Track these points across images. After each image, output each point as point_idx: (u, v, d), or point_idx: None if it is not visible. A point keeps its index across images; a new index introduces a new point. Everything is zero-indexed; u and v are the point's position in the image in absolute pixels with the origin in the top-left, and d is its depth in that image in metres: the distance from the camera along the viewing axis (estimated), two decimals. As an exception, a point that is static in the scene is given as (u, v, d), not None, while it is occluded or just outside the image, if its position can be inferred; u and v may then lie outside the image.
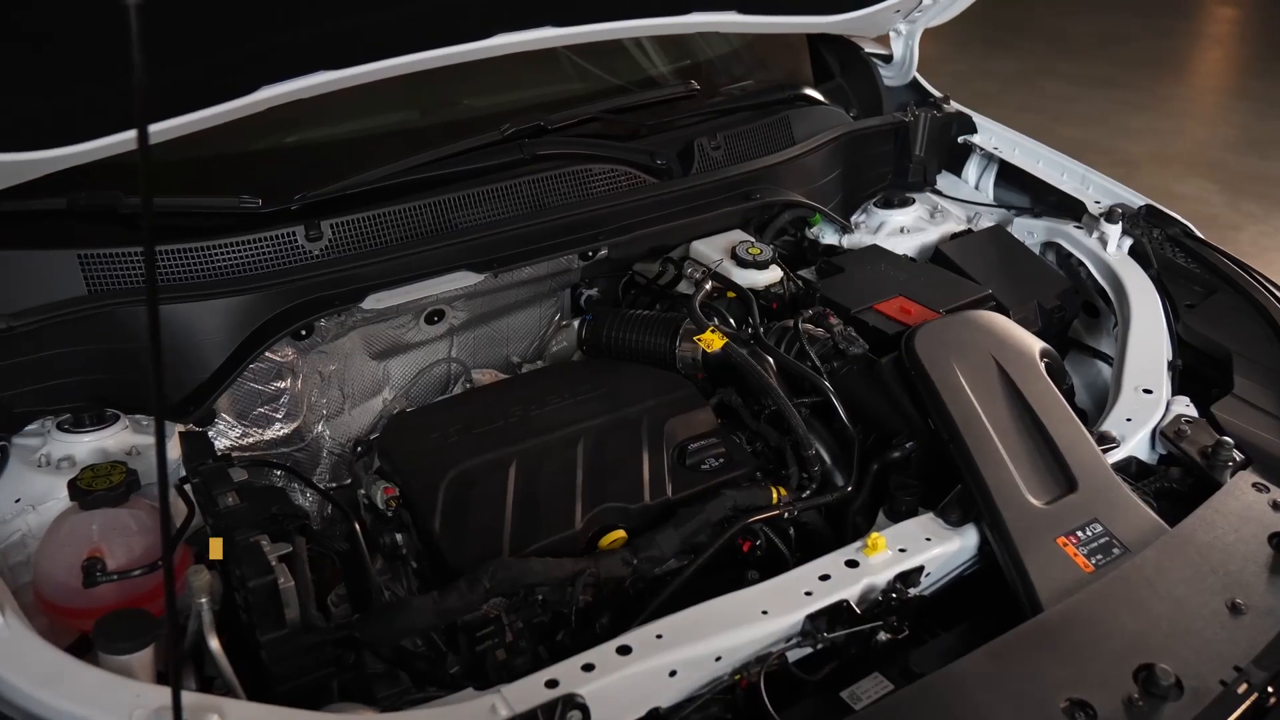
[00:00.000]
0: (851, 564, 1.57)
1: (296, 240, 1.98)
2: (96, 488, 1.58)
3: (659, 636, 1.44)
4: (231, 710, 1.32)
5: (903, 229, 2.52)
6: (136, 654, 1.40)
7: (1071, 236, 2.39)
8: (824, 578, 1.55)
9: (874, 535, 1.58)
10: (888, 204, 2.57)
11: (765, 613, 1.49)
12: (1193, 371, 2.06)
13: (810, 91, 2.64)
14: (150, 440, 1.78)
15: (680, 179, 2.30)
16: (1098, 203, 2.42)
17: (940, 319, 2.00)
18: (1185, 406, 1.90)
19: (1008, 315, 2.16)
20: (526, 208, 2.16)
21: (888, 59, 2.80)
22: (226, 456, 1.76)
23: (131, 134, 1.79)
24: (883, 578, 1.56)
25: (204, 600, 1.43)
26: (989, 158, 2.69)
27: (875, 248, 2.42)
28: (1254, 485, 1.70)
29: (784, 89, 2.61)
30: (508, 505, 1.71)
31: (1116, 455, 1.82)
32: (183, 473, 1.69)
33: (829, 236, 2.53)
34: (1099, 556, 1.58)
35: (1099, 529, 1.62)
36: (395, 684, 1.54)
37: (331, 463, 2.14)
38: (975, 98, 2.94)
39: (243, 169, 2.20)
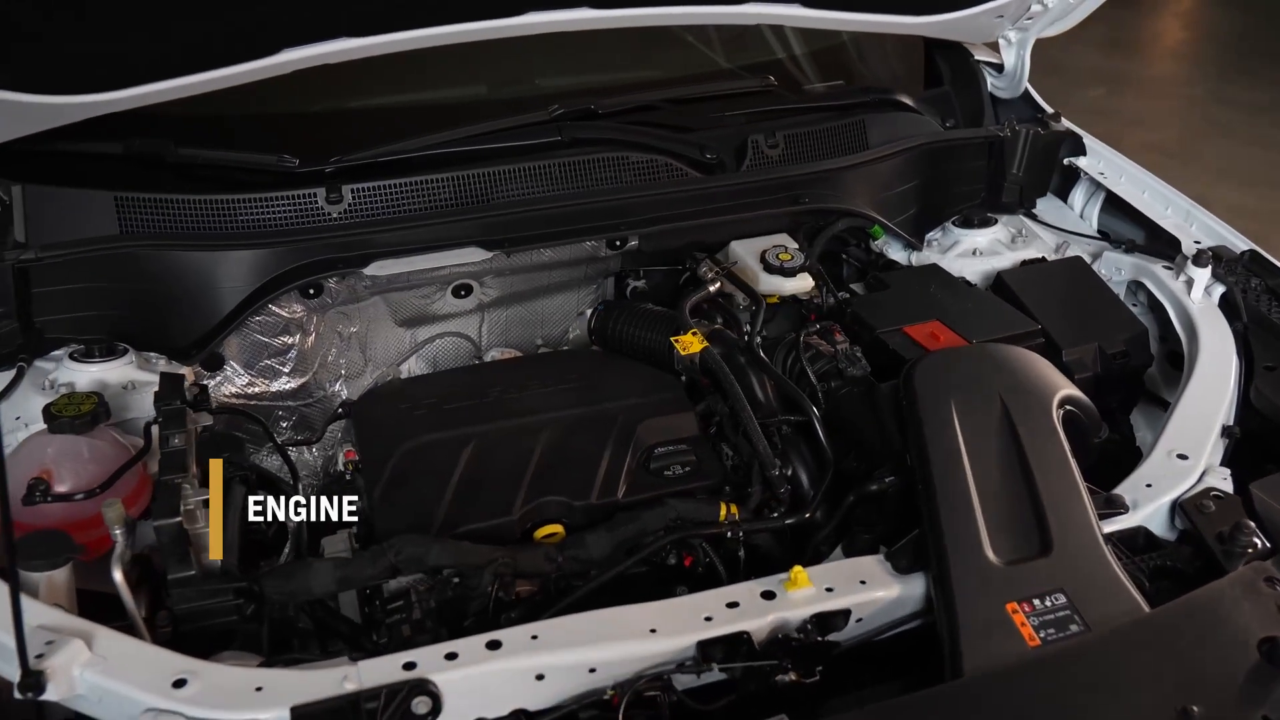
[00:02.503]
0: (768, 595, 1.46)
1: (317, 202, 2.03)
2: (64, 414, 1.67)
3: (534, 637, 1.39)
4: (101, 639, 1.36)
5: (976, 251, 2.33)
6: (49, 573, 1.47)
7: (1157, 277, 2.14)
8: (732, 605, 1.45)
9: (796, 569, 1.47)
10: (967, 223, 2.38)
11: (654, 631, 1.40)
12: (1257, 442, 1.80)
13: (901, 97, 2.47)
14: (152, 377, 1.86)
15: (722, 175, 2.21)
16: (1197, 243, 2.16)
17: (951, 349, 1.83)
18: (1222, 480, 1.67)
19: (1058, 355, 1.97)
20: (554, 190, 2.13)
21: (1001, 69, 2.60)
22: (197, 400, 1.81)
23: (179, 81, 1.88)
24: (798, 615, 1.44)
25: (118, 531, 1.48)
26: (1096, 184, 2.45)
27: (933, 268, 2.25)
28: (1266, 580, 1.47)
29: (868, 91, 2.46)
30: (451, 484, 1.69)
31: (1122, 523, 1.62)
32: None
33: (896, 252, 2.38)
34: (1050, 631, 1.41)
35: (1061, 600, 1.44)
36: (331, 644, 1.57)
37: (345, 423, 2.18)
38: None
39: (293, 129, 2.27)
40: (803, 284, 2.07)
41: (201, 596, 1.49)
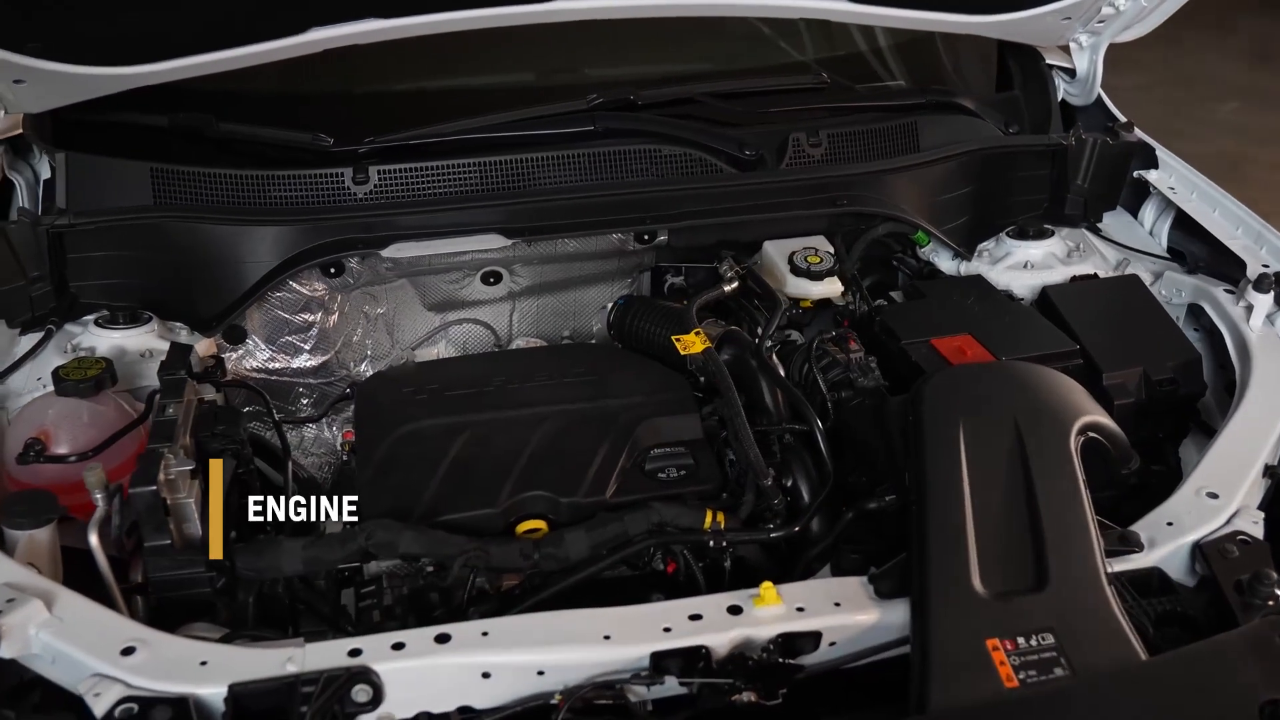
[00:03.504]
0: (734, 610, 1.40)
1: (344, 182, 2.03)
2: (71, 377, 1.70)
3: (484, 634, 1.36)
4: (62, 601, 1.37)
5: (1027, 264, 2.20)
6: (30, 531, 1.51)
7: (1216, 301, 1.99)
8: (694, 617, 1.39)
9: (766, 585, 1.40)
10: (1021, 234, 2.26)
11: (608, 638, 1.35)
12: (1306, 485, 1.66)
13: (961, 99, 2.36)
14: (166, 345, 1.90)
15: (757, 173, 2.14)
16: (1264, 267, 2.00)
17: (968, 365, 1.74)
18: (1253, 523, 1.54)
19: (1098, 378, 1.85)
20: (583, 180, 2.09)
21: (1074, 74, 2.46)
22: (207, 372, 1.83)
23: (207, 57, 1.90)
24: (763, 633, 1.37)
25: (98, 495, 1.50)
26: (1167, 200, 2.30)
27: (976, 279, 2.15)
28: (1283, 635, 1.35)
29: (925, 91, 2.36)
30: (440, 471, 1.67)
31: (1134, 563, 1.50)
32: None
33: (945, 261, 2.27)
34: (1031, 673, 1.30)
35: (1048, 641, 1.34)
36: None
37: None
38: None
39: (333, 109, 2.29)
40: (830, 288, 2.00)
41: (176, 566, 1.49)
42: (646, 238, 2.10)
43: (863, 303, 2.05)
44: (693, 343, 1.78)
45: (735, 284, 1.98)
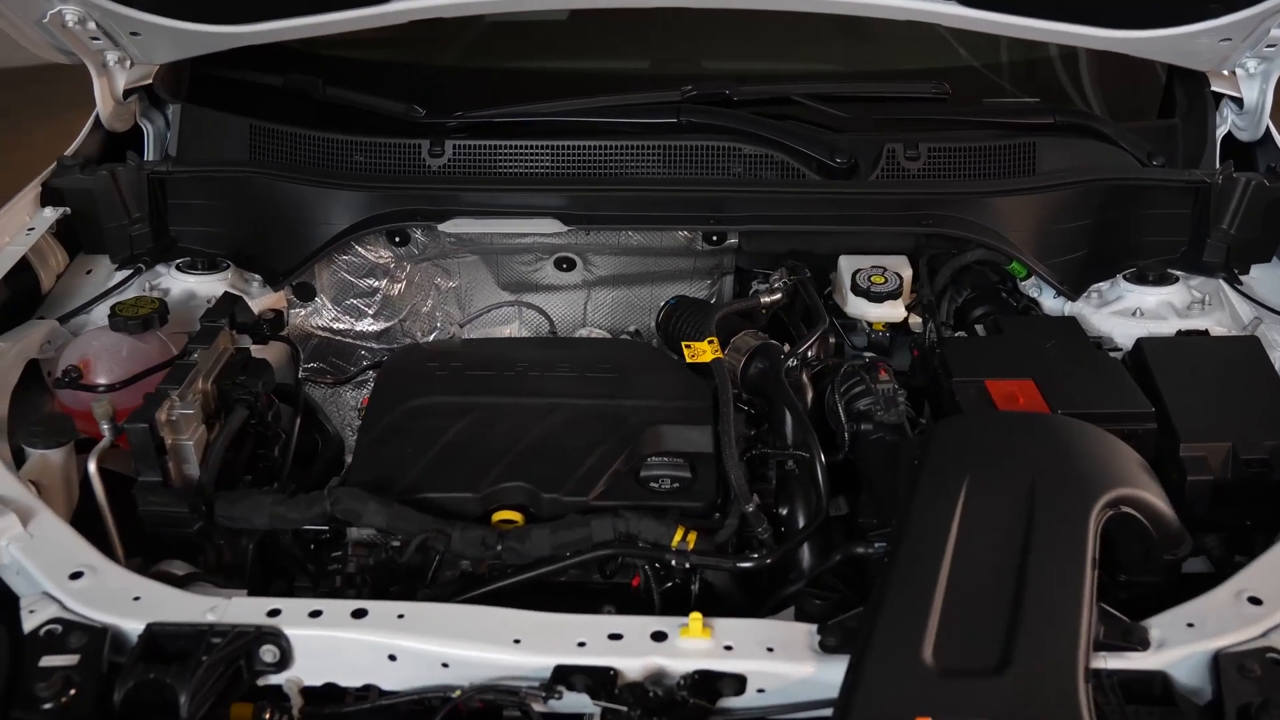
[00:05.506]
0: (658, 636, 1.31)
1: (420, 154, 2.07)
2: (122, 313, 1.81)
3: (400, 616, 1.34)
4: (40, 520, 1.46)
5: (1137, 311, 1.96)
6: (43, 451, 1.61)
7: (1342, 377, 1.71)
8: (614, 636, 1.32)
9: (695, 616, 1.31)
10: (1140, 278, 2.01)
11: (517, 642, 1.31)
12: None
13: (1095, 123, 2.13)
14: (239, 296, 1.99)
15: (839, 182, 2.00)
16: None
17: (997, 413, 1.56)
18: (1295, 642, 1.30)
19: (1174, 449, 1.63)
20: (655, 173, 2.04)
21: (1243, 104, 2.17)
22: (258, 323, 1.90)
23: (317, 19, 1.97)
24: (682, 666, 1.29)
25: (105, 426, 1.58)
26: (1329, 255, 1.99)
27: (1068, 321, 1.94)
28: (1274, 781, 1.13)
29: (1055, 111, 2.14)
30: (434, 448, 1.67)
31: (1136, 662, 1.30)
32: None
33: (1048, 298, 2.05)
34: (955, 764, 1.16)
35: (990, 732, 1.19)
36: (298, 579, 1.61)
37: None
38: None
39: (435, 81, 2.33)
40: (890, 312, 1.86)
41: (162, 504, 1.56)
42: (715, 239, 2.02)
43: (934, 332, 1.89)
44: (703, 351, 1.70)
45: (777, 295, 1.87)
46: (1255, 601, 1.35)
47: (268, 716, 1.33)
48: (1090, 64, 2.33)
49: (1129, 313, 1.96)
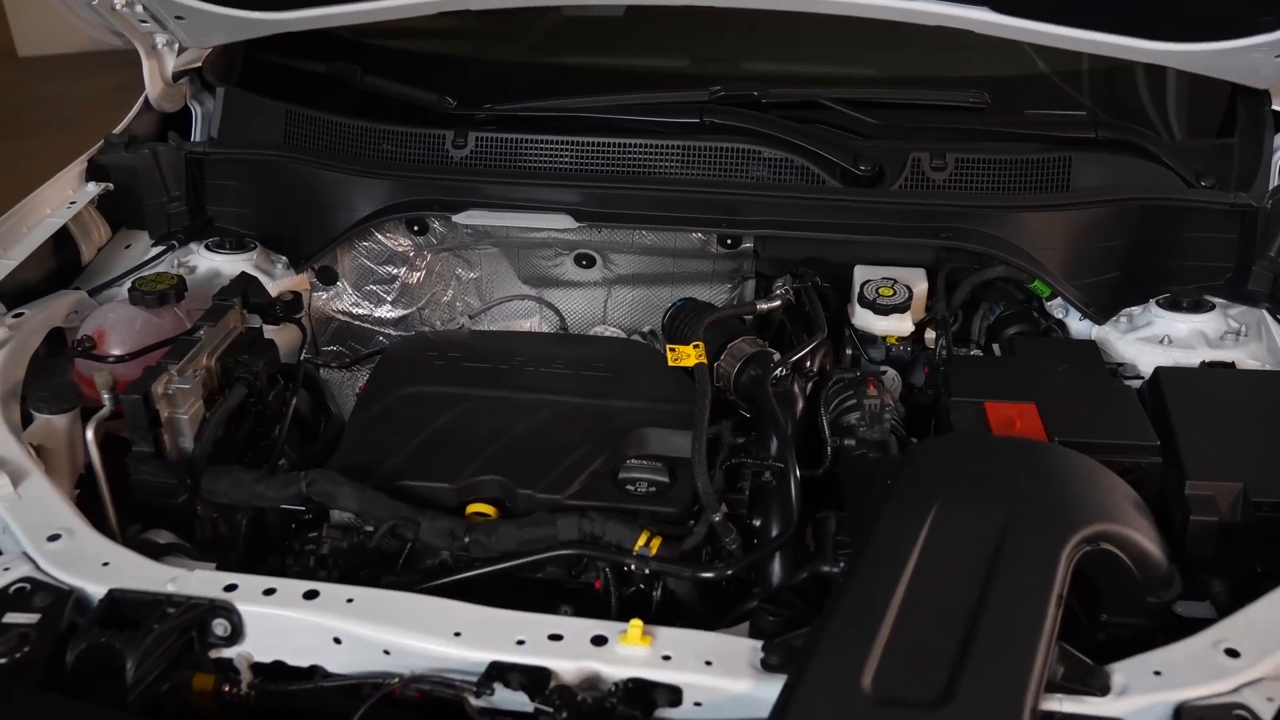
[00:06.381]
0: (598, 640, 1.30)
1: (444, 144, 2.09)
2: (141, 288, 1.87)
3: (349, 601, 1.35)
4: (30, 482, 1.51)
5: (1165, 339, 1.87)
6: (48, 416, 1.68)
7: (1373, 423, 1.59)
8: (555, 637, 1.31)
9: (634, 623, 1.29)
10: (1173, 304, 1.91)
11: (458, 635, 1.31)
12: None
13: (1140, 140, 2.03)
14: (260, 276, 2.04)
15: (858, 190, 1.96)
16: None
17: (977, 437, 1.50)
18: (1266, 700, 1.22)
19: (1179, 486, 1.55)
20: (671, 173, 2.02)
21: (1306, 124, 2.04)
22: (272, 304, 1.94)
23: (354, 8, 2.01)
24: (615, 673, 1.27)
25: (105, 395, 1.64)
26: (1385, 290, 1.86)
27: (1087, 345, 1.85)
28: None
29: (1097, 125, 2.05)
30: (420, 437, 1.68)
31: (1091, 707, 1.24)
32: None
33: (1076, 320, 1.97)
34: (878, 796, 1.13)
35: (918, 767, 1.15)
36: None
37: None
38: None
39: (471, 73, 2.35)
40: (895, 325, 1.81)
41: (152, 474, 1.61)
42: (730, 242, 1.99)
43: (941, 348, 1.83)
44: (686, 354, 1.67)
45: (776, 303, 1.83)
46: (1232, 654, 1.27)
47: (227, 689, 1.37)
48: (1179, 77, 2.21)
49: (1156, 340, 1.87)
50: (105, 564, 1.40)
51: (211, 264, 2.07)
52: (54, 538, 1.43)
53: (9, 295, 1.91)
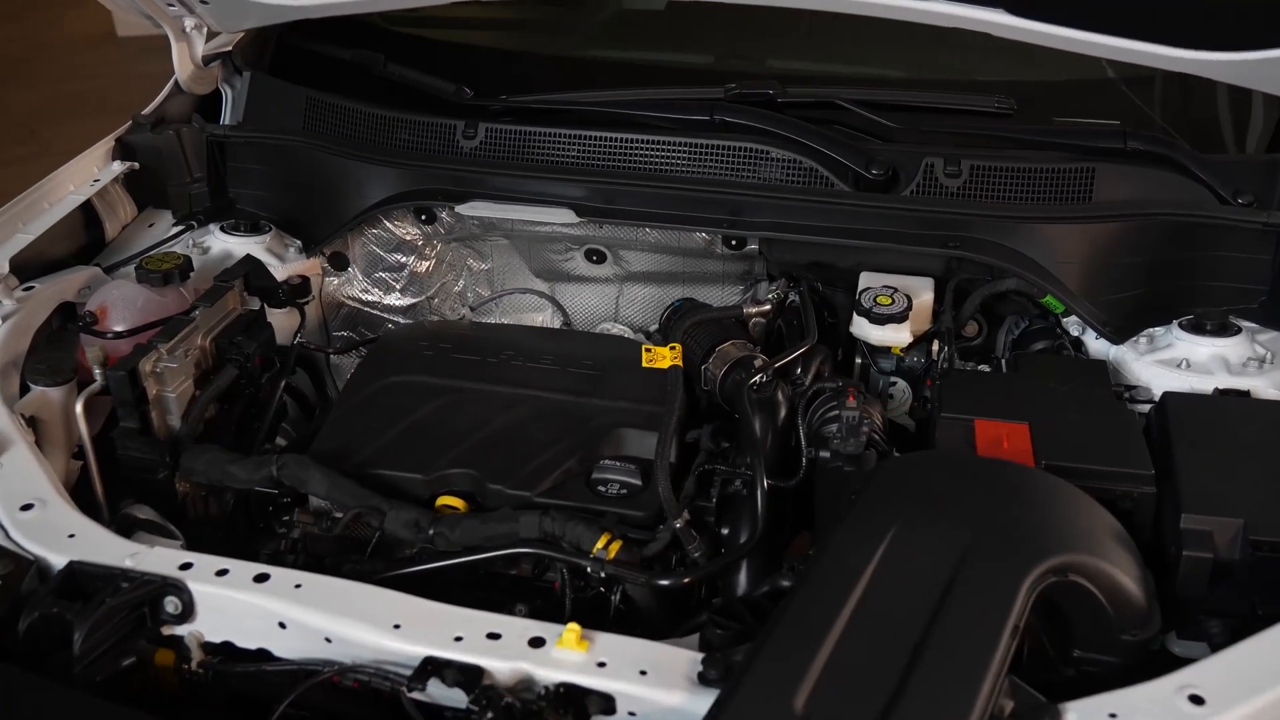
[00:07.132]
0: (536, 642, 1.28)
1: (455, 135, 2.09)
2: (146, 266, 1.90)
3: (297, 586, 1.36)
4: (13, 452, 1.55)
5: (1183, 363, 1.77)
6: (43, 388, 1.72)
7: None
8: (493, 636, 1.29)
9: (571, 626, 1.27)
10: (1196, 326, 1.82)
11: (397, 627, 1.30)
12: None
13: (1172, 152, 1.93)
14: (272, 259, 2.07)
15: (865, 195, 1.90)
16: None
17: (945, 456, 1.45)
18: (1226, 752, 1.15)
19: (1175, 519, 1.47)
20: (676, 170, 1.99)
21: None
22: (277, 287, 1.96)
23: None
24: (548, 676, 1.25)
25: (97, 370, 1.68)
26: None
27: (1094, 364, 1.77)
28: None
29: (1128, 136, 1.96)
30: (398, 427, 1.69)
31: (1036, 745, 1.19)
32: None
33: (1093, 339, 1.88)
34: (795, 823, 1.09)
35: (842, 794, 1.11)
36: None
37: None
38: None
39: (494, 64, 2.34)
40: (891, 336, 1.75)
41: (137, 450, 1.64)
42: (734, 243, 1.95)
43: (943, 360, 1.77)
44: (662, 355, 1.64)
45: (765, 307, 1.79)
46: (1197, 700, 1.20)
47: (186, 667, 1.39)
48: (1230, 89, 2.11)
49: (1174, 363, 1.78)
50: (71, 535, 1.43)
51: (225, 245, 2.10)
52: (27, 507, 1.46)
53: (31, 269, 1.96)
